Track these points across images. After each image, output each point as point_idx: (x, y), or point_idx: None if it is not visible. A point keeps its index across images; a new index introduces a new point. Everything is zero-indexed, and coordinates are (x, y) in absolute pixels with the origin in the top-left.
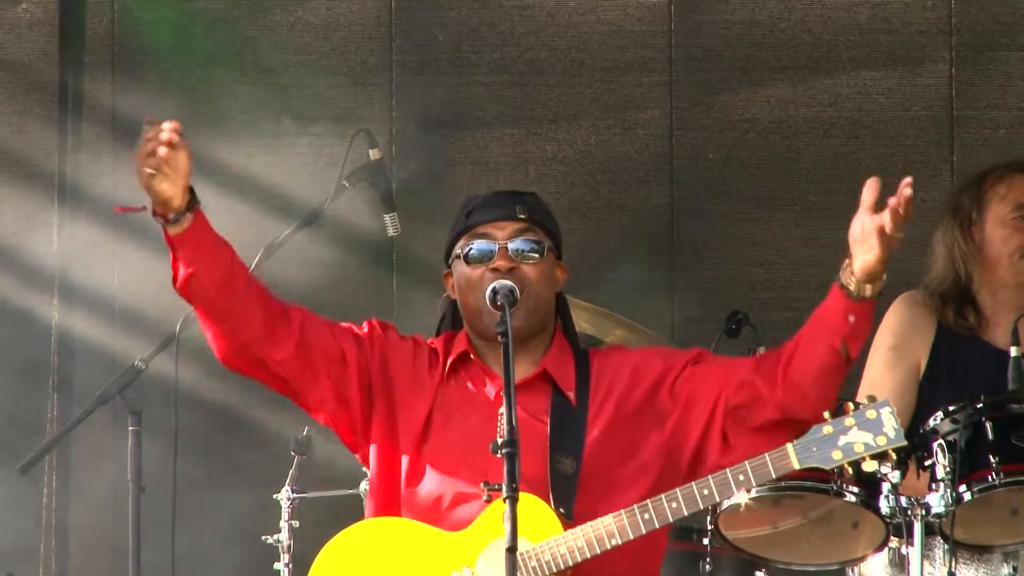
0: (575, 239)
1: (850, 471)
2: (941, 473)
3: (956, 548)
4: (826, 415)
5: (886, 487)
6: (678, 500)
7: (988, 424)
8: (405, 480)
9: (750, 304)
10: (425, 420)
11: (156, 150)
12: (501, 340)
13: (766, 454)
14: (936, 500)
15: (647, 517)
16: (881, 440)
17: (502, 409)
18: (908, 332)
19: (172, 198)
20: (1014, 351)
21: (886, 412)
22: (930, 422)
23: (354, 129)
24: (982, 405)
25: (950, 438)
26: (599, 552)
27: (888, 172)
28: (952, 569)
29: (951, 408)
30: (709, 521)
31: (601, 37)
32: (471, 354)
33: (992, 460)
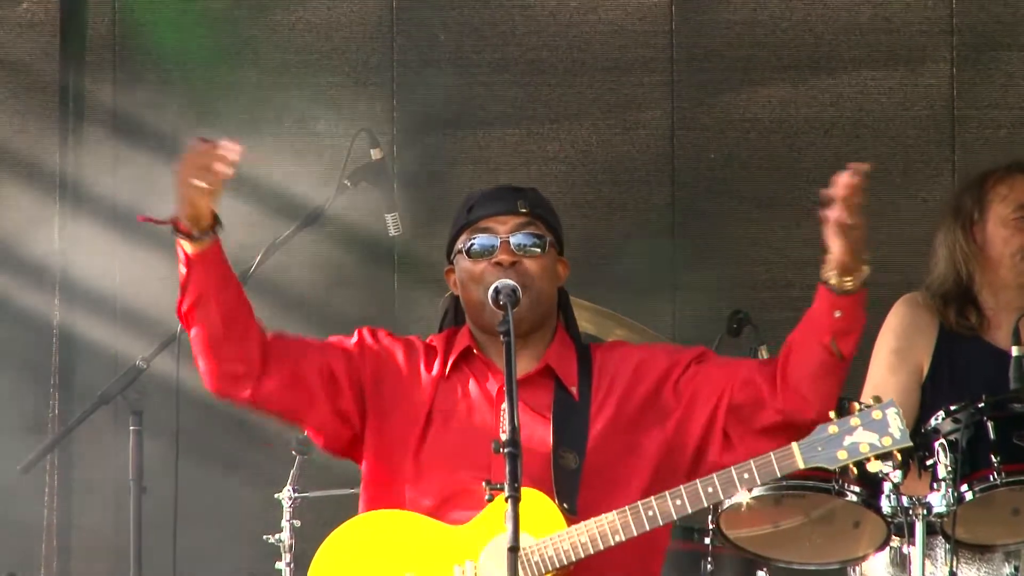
0: (576, 238)
1: (855, 471)
2: (943, 472)
3: (957, 547)
4: (831, 415)
5: (888, 486)
6: (682, 498)
7: (990, 424)
8: (406, 478)
9: (751, 303)
10: (425, 418)
11: (216, 167)
12: (503, 339)
13: (771, 453)
14: (937, 499)
15: (651, 514)
16: (887, 441)
17: (505, 404)
18: (910, 334)
19: (206, 216)
20: (1015, 351)
21: (892, 413)
22: (931, 422)
23: (355, 129)
24: (983, 404)
25: (951, 438)
26: (602, 548)
27: (889, 172)
28: (953, 568)
29: (952, 408)
30: (710, 520)
31: (602, 37)
32: (473, 349)
33: (994, 459)
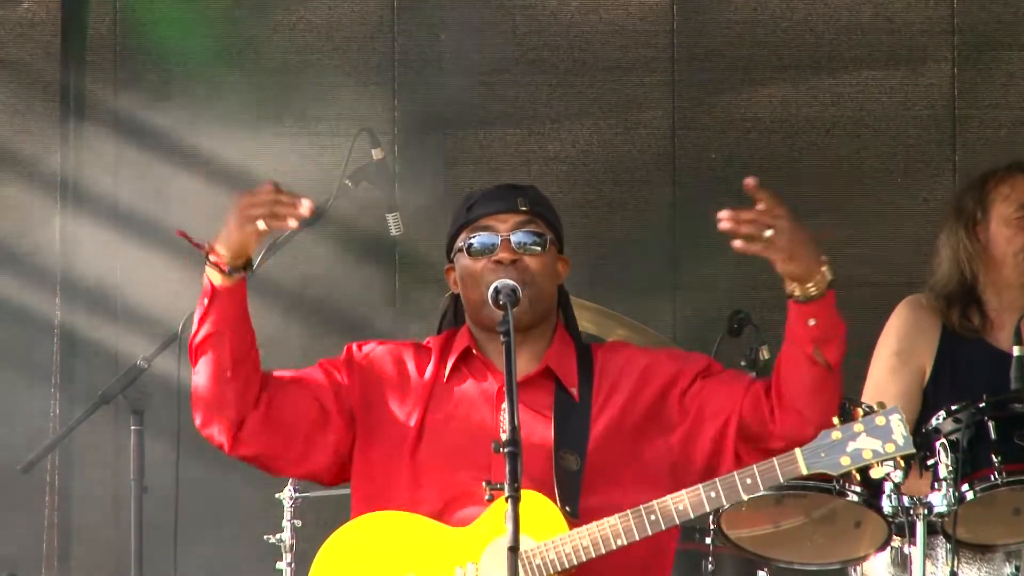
0: (577, 238)
1: (858, 477)
2: (944, 472)
3: (958, 547)
4: (835, 420)
5: (888, 486)
6: (684, 502)
7: (991, 423)
8: (406, 481)
9: (752, 303)
10: (419, 424)
11: (286, 215)
12: (503, 340)
13: (774, 459)
14: (938, 499)
15: (653, 519)
16: (890, 447)
17: (505, 404)
18: (912, 336)
19: (249, 253)
20: (1017, 351)
21: (895, 419)
22: (932, 421)
23: (356, 129)
24: (984, 404)
25: (952, 437)
26: (604, 552)
27: (890, 172)
28: (954, 568)
29: (953, 407)
30: (711, 520)
31: (603, 36)
32: (473, 349)
33: (995, 459)
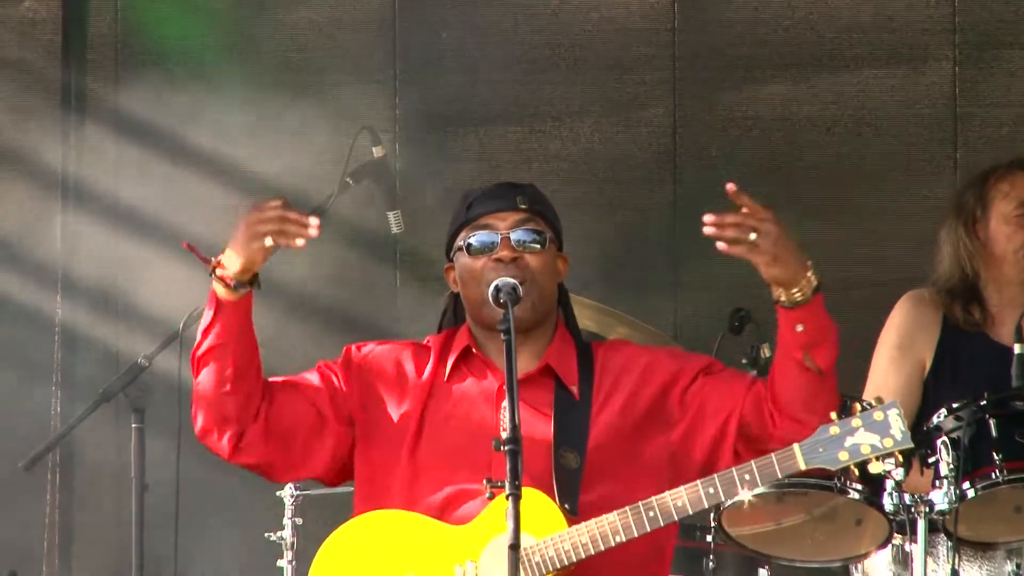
0: (578, 236)
1: (856, 472)
2: (945, 470)
3: (959, 545)
4: (833, 415)
5: (890, 484)
6: (683, 498)
7: (992, 421)
8: (405, 481)
9: (753, 301)
10: (417, 424)
11: (295, 233)
12: (504, 338)
13: (772, 455)
14: (940, 497)
15: (652, 515)
16: (888, 442)
17: (505, 403)
18: (913, 330)
19: (255, 269)
20: (1018, 348)
21: (893, 414)
22: (934, 419)
23: (357, 127)
24: (986, 402)
25: (954, 435)
26: (603, 549)
27: (892, 169)
28: (955, 566)
29: (955, 405)
30: (712, 518)
31: (604, 35)
32: (472, 348)
33: (996, 457)
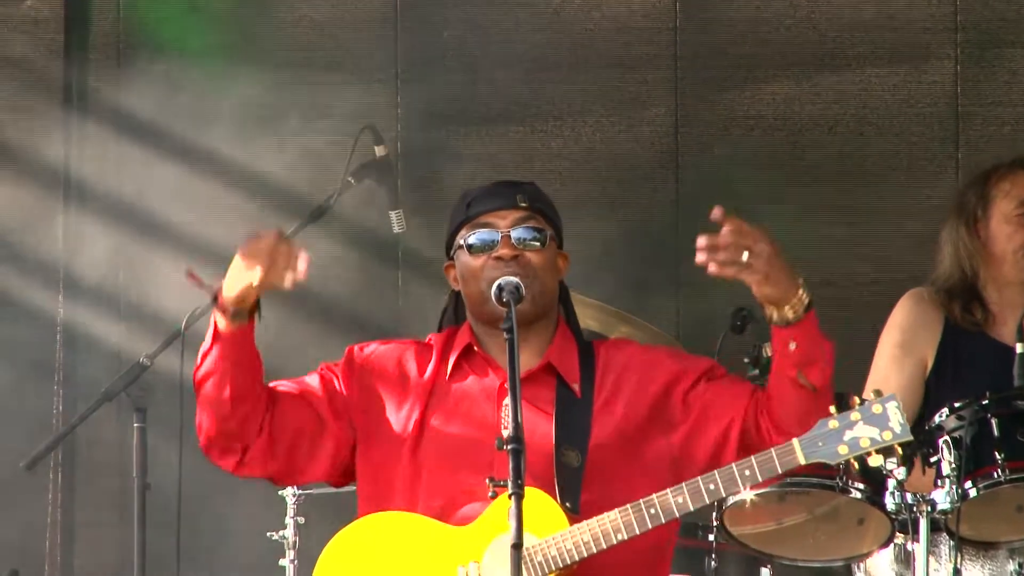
0: (580, 235)
1: (856, 466)
2: (947, 469)
3: (962, 544)
4: (832, 410)
5: (892, 484)
6: (684, 495)
7: (994, 421)
8: (408, 480)
9: (755, 301)
10: (419, 423)
11: (283, 270)
12: (506, 337)
13: (772, 449)
14: (942, 496)
15: (652, 512)
16: (887, 435)
17: (506, 400)
18: (915, 329)
19: (248, 302)
20: (1020, 347)
21: (892, 406)
22: (936, 419)
23: (359, 126)
24: (988, 402)
25: (956, 435)
26: (605, 547)
27: (893, 169)
28: (958, 565)
29: (957, 405)
30: (715, 517)
31: (606, 34)
32: (474, 346)
33: (998, 456)
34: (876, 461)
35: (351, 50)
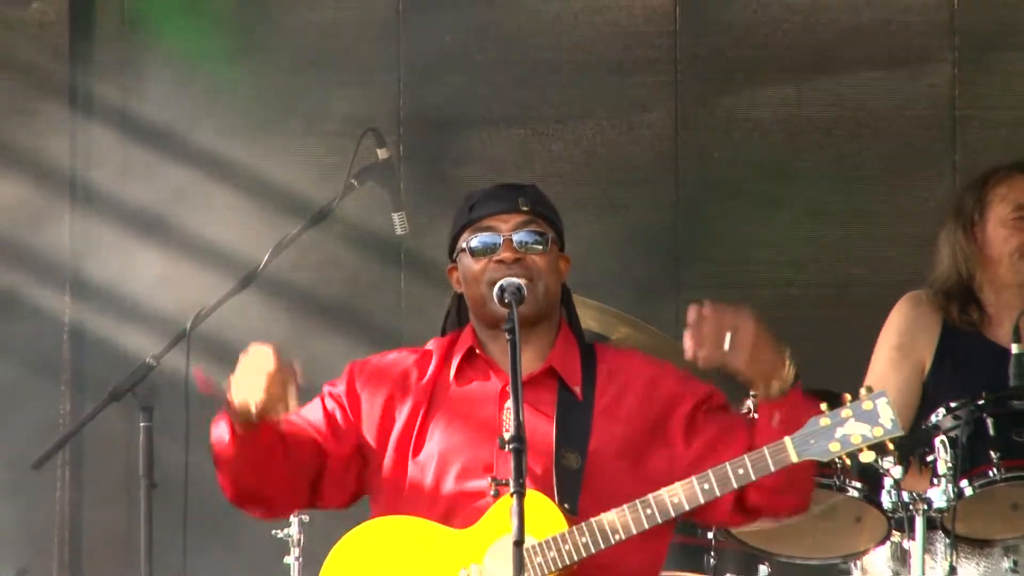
0: (580, 237)
1: (848, 462)
2: (943, 468)
3: (957, 542)
4: (824, 407)
5: (888, 482)
6: (679, 495)
7: (989, 420)
8: (412, 484)
9: (753, 302)
10: (424, 423)
11: (276, 398)
12: (508, 338)
13: (765, 448)
14: (938, 495)
15: (649, 512)
16: (878, 431)
17: (508, 404)
18: (912, 331)
19: (250, 419)
20: (1015, 348)
21: (882, 402)
22: (932, 418)
23: (362, 129)
24: (983, 401)
25: (952, 434)
26: (603, 547)
27: (891, 172)
28: (953, 563)
29: (953, 404)
30: None
31: (607, 38)
32: (476, 349)
33: (993, 456)
34: (868, 457)
35: (354, 54)
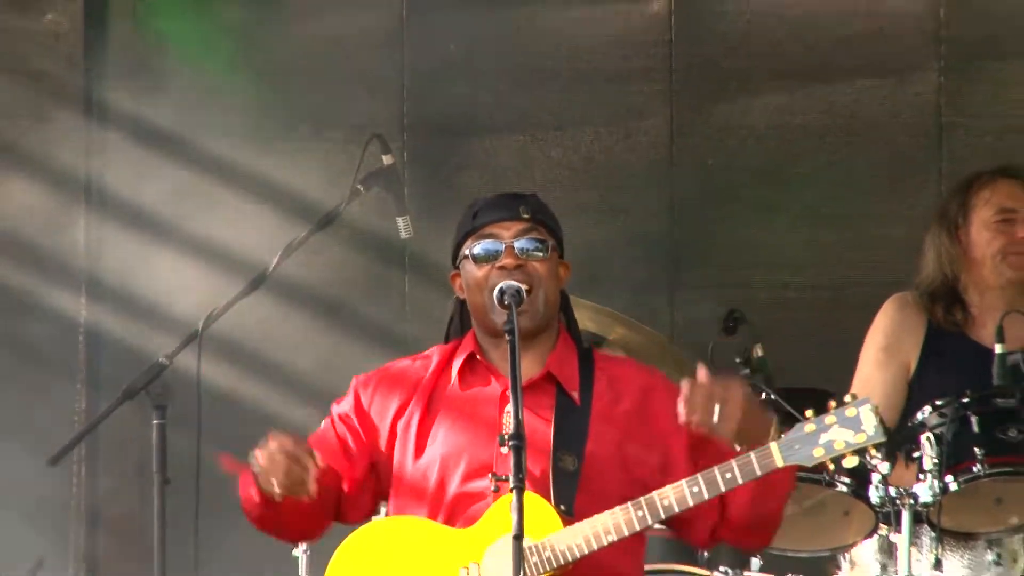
0: (578, 241)
1: (831, 467)
2: (928, 464)
3: (942, 535)
4: (809, 413)
5: (876, 477)
6: (669, 498)
7: (973, 418)
8: (416, 486)
9: (747, 304)
10: (427, 427)
11: (296, 482)
12: (508, 338)
13: (751, 453)
14: (923, 490)
15: (640, 514)
16: (860, 437)
17: (508, 407)
18: (899, 332)
19: (275, 498)
20: (999, 348)
21: (865, 410)
22: (918, 416)
23: (368, 136)
24: (968, 400)
25: (937, 431)
26: (595, 548)
27: (880, 177)
28: (938, 555)
29: (938, 403)
30: None
31: (604, 47)
32: (477, 354)
33: (977, 452)
34: (851, 462)
35: (360, 63)
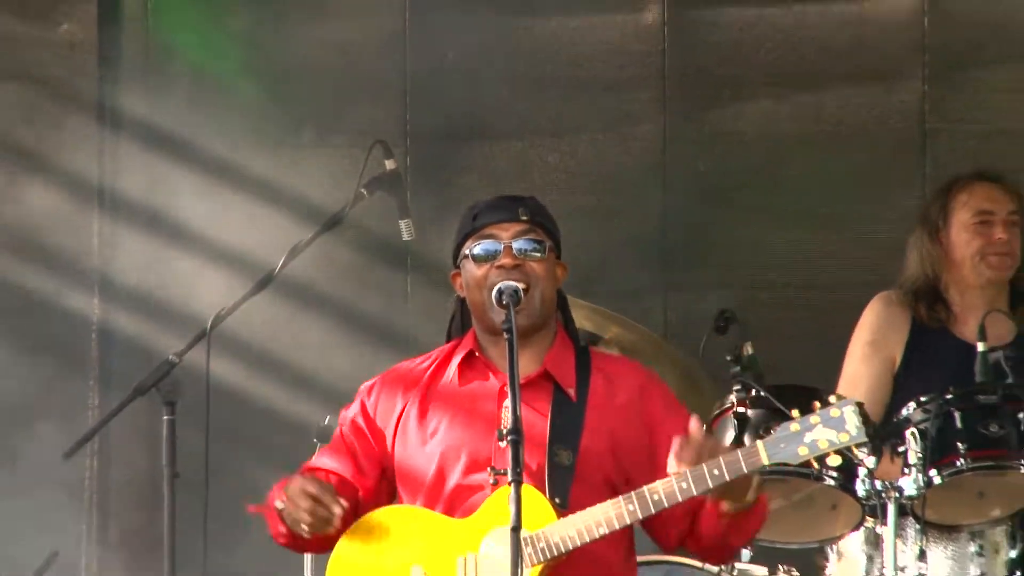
0: (575, 243)
1: (816, 466)
2: (913, 459)
3: (927, 528)
4: (795, 413)
5: (862, 472)
6: (659, 493)
7: (957, 413)
8: (420, 480)
9: (737, 303)
10: (425, 421)
11: (323, 524)
12: (506, 337)
13: (738, 451)
14: (908, 483)
15: (631, 508)
16: (843, 437)
17: (507, 403)
18: (884, 329)
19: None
20: (981, 346)
21: (849, 410)
22: (903, 411)
23: (371, 141)
24: (951, 396)
25: (922, 426)
26: (588, 540)
27: (866, 181)
28: (923, 547)
29: (923, 399)
30: None
31: (601, 56)
32: (476, 352)
33: (960, 447)
34: (835, 461)
35: (363, 70)
